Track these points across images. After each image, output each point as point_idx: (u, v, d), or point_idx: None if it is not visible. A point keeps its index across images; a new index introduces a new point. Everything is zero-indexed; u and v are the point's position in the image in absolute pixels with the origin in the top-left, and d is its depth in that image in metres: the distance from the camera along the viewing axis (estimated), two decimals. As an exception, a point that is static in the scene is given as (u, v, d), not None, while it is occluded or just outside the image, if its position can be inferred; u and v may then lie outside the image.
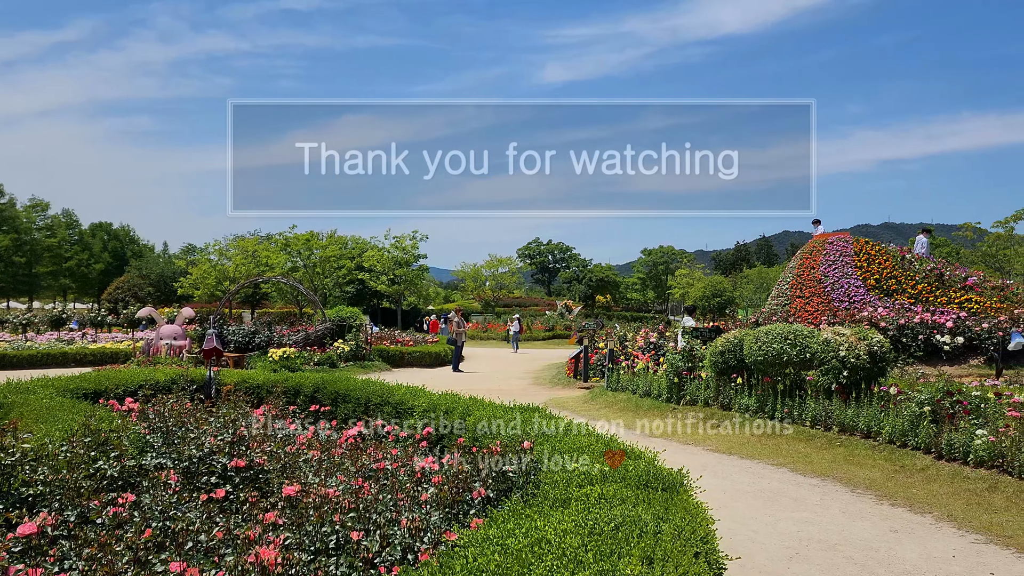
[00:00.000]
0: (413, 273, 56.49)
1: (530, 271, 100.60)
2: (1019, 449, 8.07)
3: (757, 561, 5.93)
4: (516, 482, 5.26)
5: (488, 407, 8.28)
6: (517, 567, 3.04)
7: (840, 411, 10.93)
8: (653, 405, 14.81)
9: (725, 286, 59.07)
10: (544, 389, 19.75)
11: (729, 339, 13.54)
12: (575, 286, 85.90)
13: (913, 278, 20.84)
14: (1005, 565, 5.87)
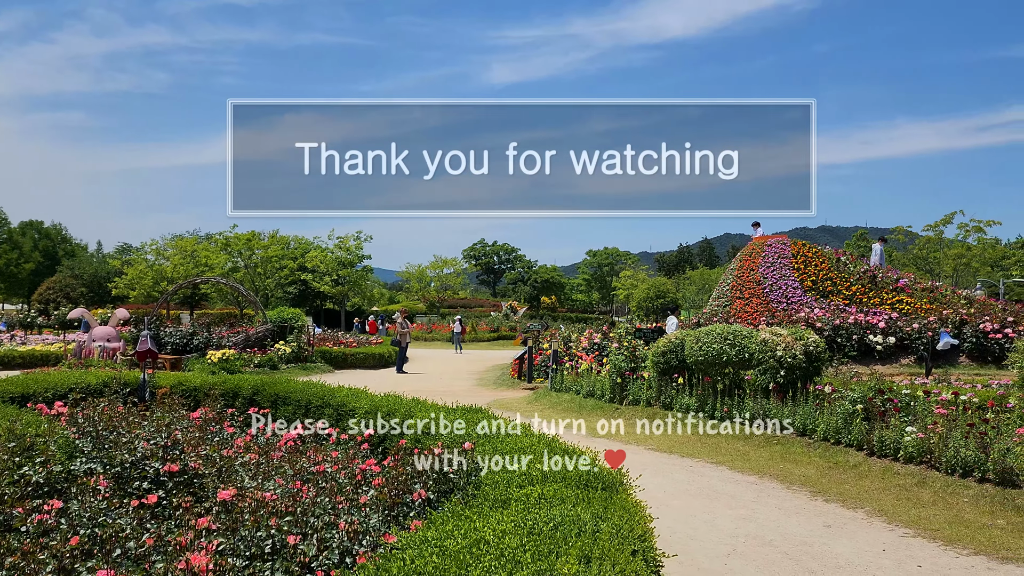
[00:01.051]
0: (357, 274, 55.94)
1: (475, 272, 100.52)
2: (946, 445, 8.35)
3: (695, 558, 6.01)
4: (457, 483, 5.24)
5: (430, 408, 8.23)
6: (455, 568, 3.03)
7: (777, 410, 11.16)
8: (596, 405, 14.92)
9: (668, 287, 59.89)
10: (488, 390, 19.74)
11: (671, 340, 13.72)
12: (520, 287, 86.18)
13: (848, 280, 21.42)
14: (931, 557, 6.06)
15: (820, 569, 5.76)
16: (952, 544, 6.39)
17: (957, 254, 46.44)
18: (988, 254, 49.14)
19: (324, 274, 53.75)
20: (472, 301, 77.13)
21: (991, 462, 7.81)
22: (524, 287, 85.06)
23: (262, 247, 51.33)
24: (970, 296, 20.14)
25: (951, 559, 6.02)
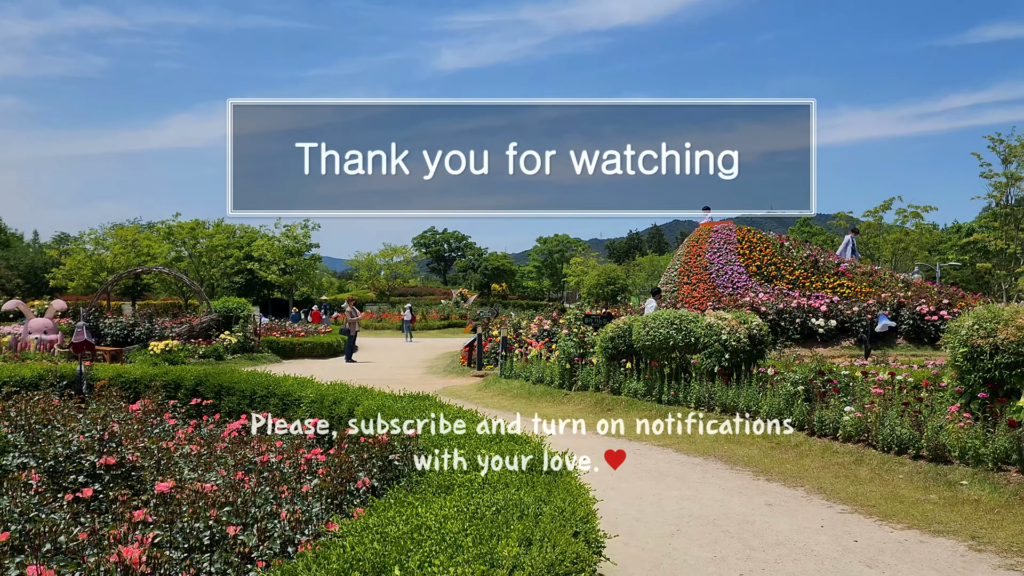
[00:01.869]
0: (305, 263, 55.24)
1: (426, 260, 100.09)
2: (882, 424, 8.59)
3: (641, 539, 6.09)
4: (402, 470, 5.21)
5: (378, 396, 8.18)
6: (395, 554, 3.01)
7: (722, 392, 11.35)
8: (546, 391, 15.00)
9: (618, 274, 60.41)
10: (438, 378, 19.70)
11: (619, 325, 13.84)
12: (471, 275, 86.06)
13: (791, 265, 21.85)
14: (868, 532, 6.23)
15: (761, 546, 5.89)
16: (887, 519, 6.58)
17: (896, 239, 47.69)
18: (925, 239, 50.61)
19: (271, 263, 52.95)
20: (423, 289, 76.80)
21: (925, 439, 8.06)
22: (475, 275, 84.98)
23: (207, 236, 50.31)
24: (907, 280, 20.73)
25: (886, 533, 6.20)
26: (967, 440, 7.62)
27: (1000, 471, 7.29)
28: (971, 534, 6.14)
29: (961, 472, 7.50)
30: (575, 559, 3.12)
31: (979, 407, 8.03)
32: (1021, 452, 7.20)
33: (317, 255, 58.72)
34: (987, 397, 7.99)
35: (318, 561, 2.98)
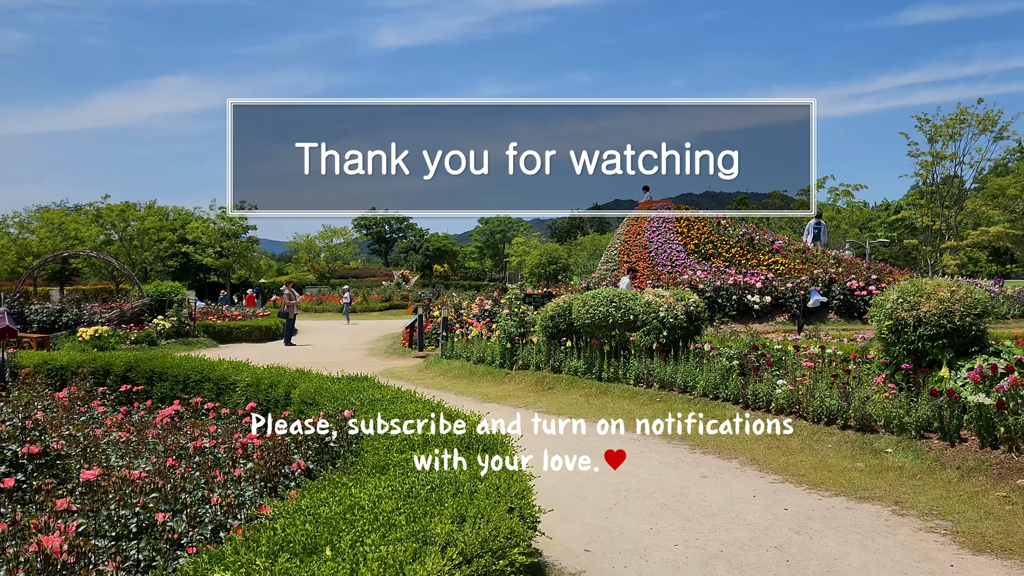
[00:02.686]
0: (242, 245, 54.16)
1: (367, 242, 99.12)
2: (813, 396, 8.83)
3: (579, 513, 6.16)
4: (338, 451, 5.17)
5: (315, 379, 8.09)
6: (327, 534, 2.98)
7: (660, 369, 11.53)
8: (487, 371, 15.02)
9: (560, 254, 60.71)
10: (379, 359, 19.56)
11: (559, 304, 13.92)
12: (412, 256, 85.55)
13: (728, 243, 22.26)
14: (797, 500, 6.42)
15: (695, 517, 6.01)
16: (816, 487, 6.79)
17: (828, 217, 48.95)
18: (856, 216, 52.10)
19: (207, 246, 51.77)
20: (364, 271, 76.04)
21: (852, 410, 8.31)
22: (416, 256, 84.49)
23: (138, 219, 48.90)
24: (839, 256, 21.30)
25: (815, 501, 6.40)
26: (892, 410, 7.89)
27: (922, 438, 7.57)
28: (895, 499, 6.37)
29: (886, 440, 7.77)
30: (509, 534, 3.14)
31: (903, 378, 8.31)
32: (942, 420, 7.49)
33: (254, 237, 57.66)
34: (910, 368, 8.28)
35: (247, 544, 2.93)
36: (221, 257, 52.48)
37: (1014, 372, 7.40)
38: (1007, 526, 5.62)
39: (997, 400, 7.05)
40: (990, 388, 7.36)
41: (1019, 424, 6.89)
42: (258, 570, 2.65)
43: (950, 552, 5.20)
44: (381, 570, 2.62)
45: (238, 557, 2.82)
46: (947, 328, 8.07)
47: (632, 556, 5.21)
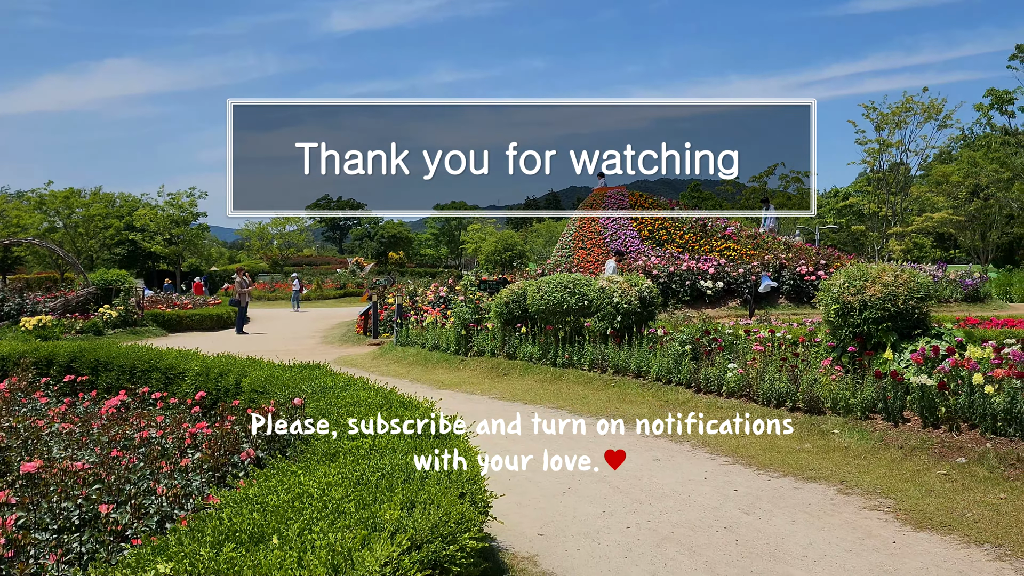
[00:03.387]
0: (192, 232, 53.14)
1: (320, 229, 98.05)
2: (762, 379, 8.98)
3: (533, 498, 6.19)
4: (289, 440, 5.11)
5: (266, 367, 7.99)
6: (274, 523, 2.94)
7: (614, 354, 11.61)
8: (442, 358, 14.99)
9: (516, 240, 60.76)
10: (333, 347, 19.40)
11: (513, 290, 13.93)
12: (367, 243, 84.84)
13: (681, 229, 22.48)
14: (747, 481, 6.53)
15: (647, 499, 6.08)
16: (766, 468, 6.91)
17: (778, 203, 49.76)
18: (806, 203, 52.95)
19: (155, 233, 50.69)
20: (318, 258, 75.23)
21: (801, 392, 8.48)
22: (371, 243, 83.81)
23: (83, 205, 47.64)
24: (789, 242, 21.67)
25: (764, 482, 6.52)
26: (838, 391, 8.06)
27: (867, 419, 7.76)
28: (840, 479, 6.52)
29: (833, 421, 7.94)
30: (460, 519, 3.13)
31: (849, 360, 8.50)
32: (886, 401, 7.68)
33: (205, 224, 56.61)
34: (856, 351, 8.46)
35: (192, 534, 2.88)
36: (170, 245, 51.42)
37: (955, 354, 7.61)
38: (947, 503, 5.79)
39: (938, 381, 7.24)
40: (932, 369, 7.56)
41: (959, 404, 7.09)
42: (202, 560, 2.60)
43: (893, 529, 5.34)
44: (329, 557, 2.59)
45: (182, 547, 2.77)
46: (891, 311, 8.26)
47: (585, 539, 5.26)
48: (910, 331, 8.41)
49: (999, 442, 6.60)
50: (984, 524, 5.33)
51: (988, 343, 7.68)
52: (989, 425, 6.77)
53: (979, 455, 6.53)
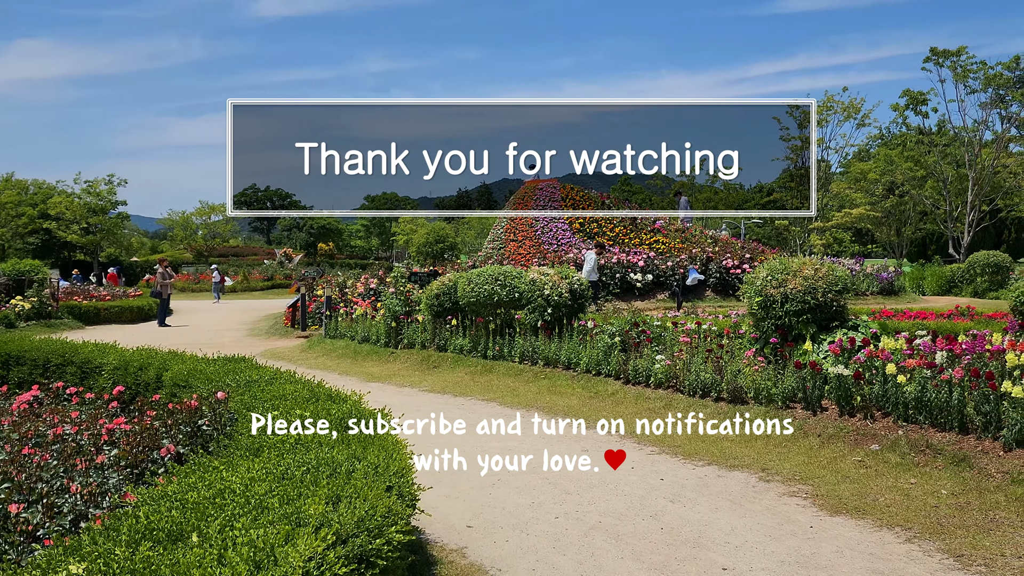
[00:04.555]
0: (111, 221, 51.31)
1: (247, 219, 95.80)
2: (689, 370, 9.17)
3: (461, 490, 6.18)
4: (211, 434, 4.98)
5: (189, 360, 7.78)
6: (195, 520, 2.86)
7: (545, 346, 11.69)
8: (372, 350, 14.84)
9: (448, 232, 60.51)
10: (260, 340, 19.01)
11: (444, 282, 13.88)
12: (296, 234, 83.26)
13: (612, 222, 22.74)
14: (672, 470, 6.67)
15: (576, 490, 6.15)
16: (691, 457, 7.06)
17: (706, 198, 50.84)
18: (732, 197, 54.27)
19: (71, 222, 48.73)
20: (245, 249, 73.53)
21: (725, 383, 8.68)
22: (300, 234, 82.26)
23: (-7, 192, 45.47)
24: (715, 236, 22.15)
25: (689, 471, 6.66)
26: (761, 382, 8.29)
27: (788, 408, 8.00)
28: (762, 466, 6.71)
29: (756, 410, 8.16)
30: (386, 513, 3.11)
31: (771, 351, 8.74)
32: (805, 391, 7.92)
33: (125, 213, 54.73)
34: (778, 342, 8.71)
35: (106, 533, 2.78)
36: (88, 234, 49.54)
37: (870, 345, 7.91)
38: (861, 488, 6.02)
39: (854, 371, 7.51)
40: (848, 360, 7.84)
41: (874, 393, 7.37)
42: (117, 560, 2.52)
43: (810, 514, 5.52)
44: (251, 554, 2.54)
45: (96, 547, 2.67)
46: (811, 304, 8.53)
47: (513, 530, 5.28)
48: (829, 323, 8.69)
49: (910, 429, 6.88)
50: (895, 508, 5.56)
51: (901, 335, 7.99)
52: (901, 413, 7.06)
53: (892, 442, 6.80)
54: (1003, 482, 5.79)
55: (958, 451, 6.35)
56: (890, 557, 4.75)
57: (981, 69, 38.19)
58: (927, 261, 36.62)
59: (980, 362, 6.97)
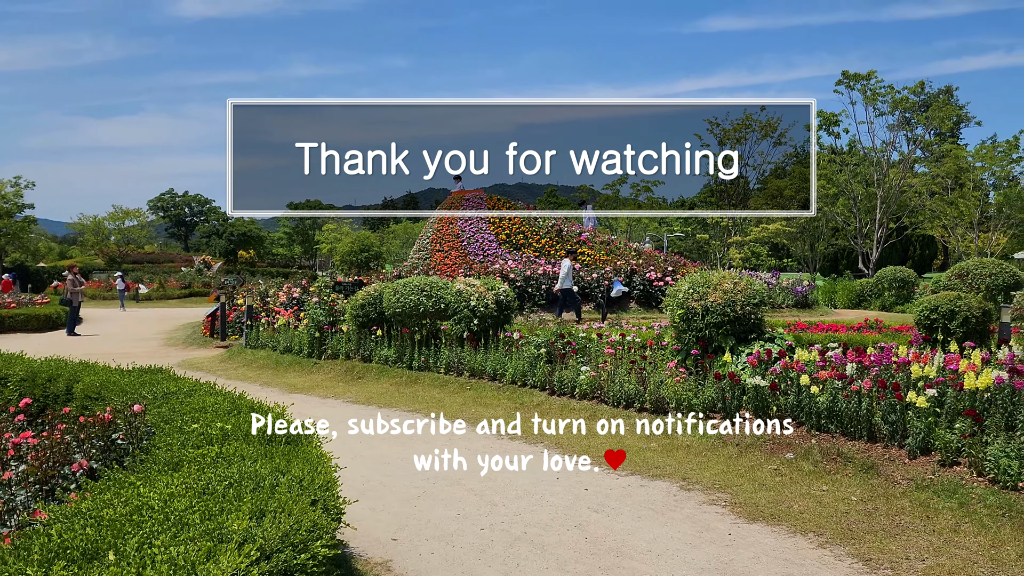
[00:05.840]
0: (17, 225, 49.07)
1: (164, 224, 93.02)
2: (613, 381, 9.31)
3: (386, 502, 6.14)
4: (127, 449, 4.82)
5: (102, 371, 7.50)
6: (110, 538, 2.77)
7: (471, 357, 11.69)
8: (294, 361, 14.59)
9: (373, 241, 59.83)
10: (177, 350, 18.45)
11: (369, 292, 13.76)
12: (215, 241, 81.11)
13: (538, 233, 22.92)
14: (597, 481, 6.76)
15: (501, 501, 6.17)
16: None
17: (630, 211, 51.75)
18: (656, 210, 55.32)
19: (-26, 226, 46.40)
20: (161, 256, 71.22)
21: (648, 393, 8.86)
22: (220, 241, 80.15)
23: None
24: (639, 249, 22.56)
25: (612, 480, 6.76)
26: (682, 392, 8.48)
27: (708, 418, 8.21)
28: (683, 475, 6.86)
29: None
30: (311, 527, 3.07)
31: (693, 363, 8.96)
32: (724, 401, 8.15)
33: (32, 217, 52.44)
34: (699, 354, 8.93)
35: (17, 553, 2.67)
36: (-9, 238, 47.29)
37: (785, 357, 8.19)
38: (777, 496, 6.22)
39: (771, 382, 7.77)
40: (765, 371, 8.10)
41: (788, 403, 7.63)
42: (28, 581, 2.42)
43: (728, 522, 5.68)
44: (171, 572, 2.47)
45: (5, 567, 2.56)
46: (730, 317, 8.78)
47: (439, 542, 5.27)
48: (747, 335, 8.96)
49: (822, 438, 7.15)
50: (809, 515, 5.77)
51: (814, 347, 8.30)
52: (814, 423, 7.33)
53: (805, 451, 7.05)
54: (908, 488, 6.07)
55: (867, 459, 6.63)
56: (803, 562, 4.92)
57: (889, 93, 40.08)
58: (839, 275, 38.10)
59: (887, 374, 7.30)
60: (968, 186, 40.85)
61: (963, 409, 6.28)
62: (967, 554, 4.94)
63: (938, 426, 6.44)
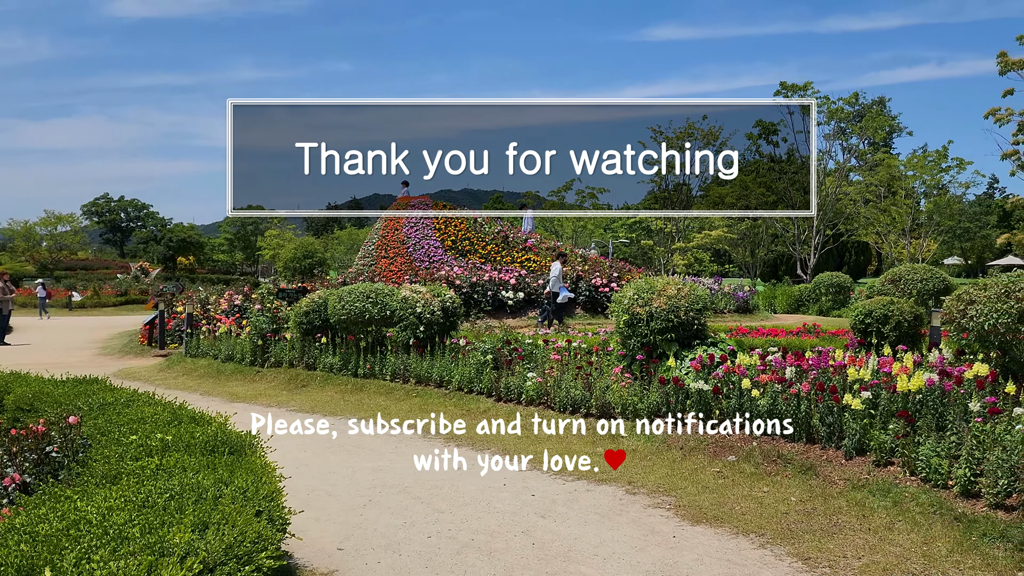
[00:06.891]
0: (-57, 231, 47.15)
1: (99, 230, 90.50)
2: (559, 387, 9.37)
3: (332, 512, 6.07)
4: (62, 462, 4.68)
5: (34, 382, 7.28)
6: (46, 554, 2.69)
7: (417, 364, 11.64)
8: (236, 369, 14.32)
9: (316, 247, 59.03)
10: (114, 359, 17.96)
11: (314, 299, 13.60)
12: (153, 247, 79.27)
13: (484, 240, 22.94)
14: (544, 486, 6.79)
15: (449, 508, 6.16)
16: (561, 473, 7.21)
17: (576, 217, 52.17)
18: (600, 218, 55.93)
19: None
20: (96, 262, 69.30)
21: (594, 399, 8.93)
22: (158, 247, 78.35)
23: None
24: (585, 255, 22.75)
25: (559, 486, 6.80)
26: (628, 397, 8.58)
27: (653, 422, 8.31)
28: (628, 479, 6.94)
29: (623, 425, 8.43)
30: (256, 539, 3.03)
31: (638, 368, 9.07)
32: (669, 405, 8.27)
33: (-43, 222, 50.42)
34: (644, 359, 9.05)
35: (-55, 573, 2.57)
36: (-85, 244, 45.38)
37: (727, 361, 8.35)
38: (720, 498, 6.34)
39: (713, 386, 7.91)
40: (708, 376, 8.25)
41: (731, 406, 7.78)
42: (-42, 601, 2.34)
43: (673, 525, 5.77)
44: (111, 588, 2.41)
45: (-68, 589, 2.47)
46: (674, 322, 8.91)
47: (385, 551, 5.23)
48: (690, 340, 9.11)
49: (763, 440, 7.31)
50: (750, 516, 5.89)
51: (755, 351, 8.49)
52: (756, 425, 7.48)
53: (747, 453, 7.20)
54: (845, 488, 6.25)
55: (805, 460, 6.80)
56: (745, 563, 5.02)
57: (825, 103, 41.23)
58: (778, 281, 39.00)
59: (825, 377, 7.50)
60: (900, 194, 42.22)
61: (896, 411, 6.48)
62: (901, 551, 5.10)
63: (873, 427, 6.64)
